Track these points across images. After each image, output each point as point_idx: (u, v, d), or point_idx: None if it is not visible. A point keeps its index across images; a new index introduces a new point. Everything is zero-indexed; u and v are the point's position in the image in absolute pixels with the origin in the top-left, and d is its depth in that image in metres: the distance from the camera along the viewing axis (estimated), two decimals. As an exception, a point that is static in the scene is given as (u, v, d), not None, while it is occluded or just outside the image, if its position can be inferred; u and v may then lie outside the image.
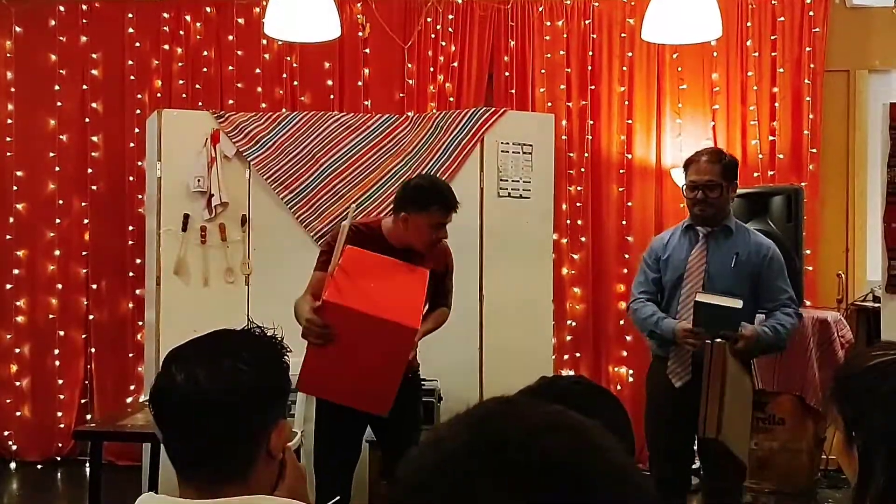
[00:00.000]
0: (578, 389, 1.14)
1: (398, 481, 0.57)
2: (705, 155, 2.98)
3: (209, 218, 4.08)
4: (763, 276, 2.92)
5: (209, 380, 1.11)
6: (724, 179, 2.92)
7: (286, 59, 4.79)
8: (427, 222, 2.70)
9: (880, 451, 1.12)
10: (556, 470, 0.54)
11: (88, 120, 4.84)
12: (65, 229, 4.83)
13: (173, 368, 1.14)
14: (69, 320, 4.82)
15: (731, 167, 2.96)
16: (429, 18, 4.77)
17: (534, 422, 0.58)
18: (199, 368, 1.12)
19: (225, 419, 1.11)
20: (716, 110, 4.70)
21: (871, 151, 4.49)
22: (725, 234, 2.96)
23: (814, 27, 4.65)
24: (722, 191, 2.91)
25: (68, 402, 4.81)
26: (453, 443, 0.57)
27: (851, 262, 4.73)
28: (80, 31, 4.85)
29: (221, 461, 1.12)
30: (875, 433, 1.14)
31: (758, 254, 2.93)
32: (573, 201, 4.73)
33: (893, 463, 1.11)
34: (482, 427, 0.58)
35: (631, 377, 4.71)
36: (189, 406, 1.11)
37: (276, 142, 4.14)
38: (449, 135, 4.06)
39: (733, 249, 2.93)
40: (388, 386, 2.58)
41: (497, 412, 0.59)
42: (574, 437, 0.57)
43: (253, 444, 1.13)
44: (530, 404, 0.61)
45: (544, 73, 4.74)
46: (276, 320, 3.51)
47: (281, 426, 1.16)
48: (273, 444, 1.15)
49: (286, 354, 1.20)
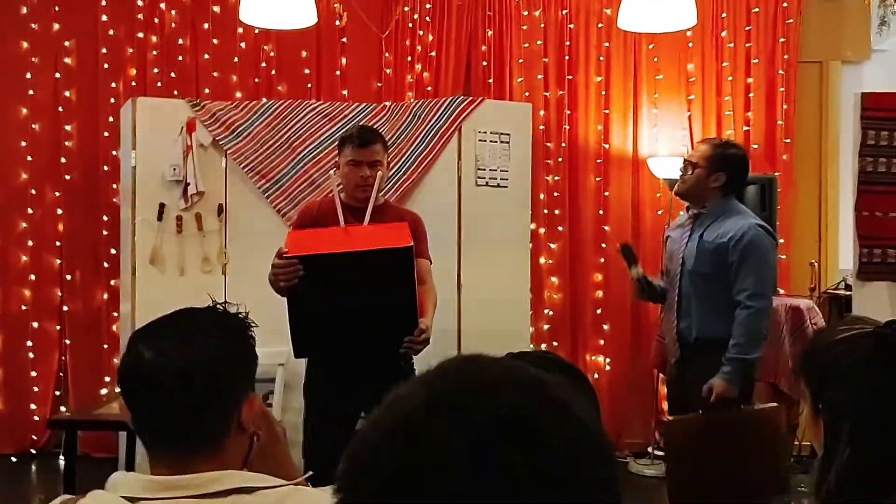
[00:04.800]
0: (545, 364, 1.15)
1: (355, 445, 0.56)
2: (707, 139, 3.05)
3: (185, 207, 4.05)
4: (731, 263, 2.88)
5: (178, 352, 1.12)
6: (708, 163, 2.92)
7: (263, 47, 4.76)
8: (345, 162, 2.73)
9: (844, 423, 1.14)
10: (514, 423, 0.53)
11: (62, 109, 4.77)
12: (38, 219, 4.77)
13: (140, 346, 1.14)
14: (43, 312, 4.76)
15: (721, 157, 2.94)
16: (406, 7, 4.76)
17: (491, 376, 0.57)
18: (167, 342, 1.13)
19: (195, 390, 1.11)
20: (691, 101, 4.74)
21: (844, 141, 4.56)
22: (708, 217, 2.96)
23: (787, 18, 4.70)
24: (696, 172, 2.93)
25: (42, 395, 4.75)
26: (411, 404, 0.56)
27: (824, 250, 4.80)
28: (53, 19, 4.77)
29: (192, 435, 1.12)
30: (839, 405, 1.16)
31: (723, 237, 2.88)
32: (551, 191, 4.75)
33: (857, 435, 1.13)
34: (439, 384, 0.57)
35: (608, 366, 4.75)
36: (159, 378, 1.11)
37: (253, 131, 4.11)
38: (426, 124, 4.05)
39: (708, 232, 2.95)
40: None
41: (454, 369, 0.59)
42: (532, 391, 0.56)
43: (224, 416, 1.14)
44: (489, 361, 0.60)
45: (522, 63, 4.75)
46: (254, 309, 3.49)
47: (251, 399, 1.17)
48: (244, 417, 1.15)
49: (252, 329, 1.20)
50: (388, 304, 2.52)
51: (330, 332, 2.55)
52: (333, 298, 2.47)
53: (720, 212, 2.94)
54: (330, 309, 2.48)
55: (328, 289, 2.47)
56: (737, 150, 3.05)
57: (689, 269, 2.96)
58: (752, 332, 2.84)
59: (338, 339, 2.57)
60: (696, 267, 2.93)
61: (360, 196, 2.73)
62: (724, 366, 2.82)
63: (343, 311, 2.48)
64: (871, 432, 1.13)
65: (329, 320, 2.51)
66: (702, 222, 2.97)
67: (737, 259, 2.86)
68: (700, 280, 2.94)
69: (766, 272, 2.91)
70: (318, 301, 2.48)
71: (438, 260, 3.19)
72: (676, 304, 3.02)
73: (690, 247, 2.97)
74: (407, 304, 2.53)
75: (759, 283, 2.85)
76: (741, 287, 2.85)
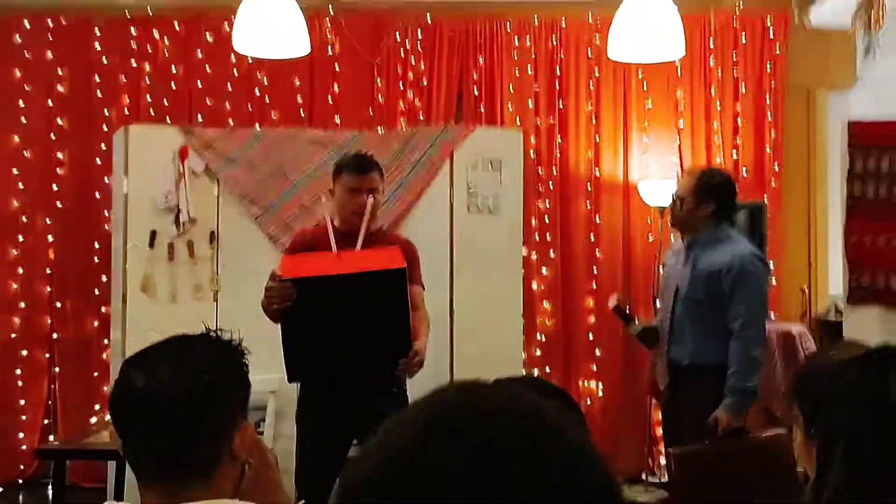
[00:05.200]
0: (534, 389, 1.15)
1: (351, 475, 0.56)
2: (690, 170, 3.11)
3: (177, 234, 4.05)
4: (723, 290, 2.90)
5: (171, 378, 1.11)
6: (695, 195, 2.97)
7: (256, 75, 4.78)
8: (343, 188, 2.75)
9: (837, 447, 1.14)
10: (513, 449, 0.53)
11: (54, 136, 4.77)
12: (28, 247, 4.75)
13: (132, 372, 1.13)
14: (32, 339, 4.73)
15: (706, 185, 2.98)
16: (398, 36, 4.80)
17: (490, 402, 0.57)
18: (159, 369, 1.12)
19: (188, 418, 1.10)
20: (681, 128, 4.79)
21: (832, 167, 4.60)
22: (701, 245, 3.00)
23: (774, 47, 4.77)
24: (684, 205, 2.99)
25: (31, 423, 4.70)
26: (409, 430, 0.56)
27: (814, 276, 4.83)
28: (47, 46, 4.80)
29: (183, 463, 1.11)
30: (832, 429, 1.17)
31: (716, 264, 2.91)
32: (542, 217, 4.77)
33: (850, 458, 1.13)
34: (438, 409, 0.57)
35: (601, 391, 4.74)
36: (151, 405, 1.11)
37: (246, 158, 4.12)
38: (418, 151, 4.08)
39: (701, 260, 2.98)
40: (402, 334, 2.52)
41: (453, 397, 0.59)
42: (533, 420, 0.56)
43: (216, 444, 1.13)
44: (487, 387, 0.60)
45: (513, 91, 4.79)
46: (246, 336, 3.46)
47: (244, 428, 1.16)
48: (236, 445, 1.15)
49: (245, 356, 1.20)
50: (382, 325, 2.52)
51: (324, 355, 2.54)
52: (327, 321, 2.47)
53: (713, 239, 2.97)
54: (324, 331, 2.48)
55: (322, 311, 2.46)
56: (721, 176, 3.09)
57: (684, 296, 2.99)
58: (749, 359, 2.85)
59: (332, 362, 2.56)
60: (690, 294, 2.97)
61: (358, 222, 2.73)
62: (726, 397, 2.84)
63: (337, 334, 2.48)
64: (865, 454, 1.14)
65: (323, 343, 2.50)
66: (695, 250, 3.00)
67: (729, 287, 2.88)
68: (694, 306, 2.97)
69: (759, 300, 2.93)
70: (312, 324, 2.48)
71: (431, 285, 3.19)
72: (669, 329, 3.04)
73: (685, 274, 3.00)
74: (400, 326, 2.53)
75: (752, 310, 2.88)
76: (735, 315, 2.87)
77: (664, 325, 3.07)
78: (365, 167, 2.78)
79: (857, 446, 1.14)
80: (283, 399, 3.88)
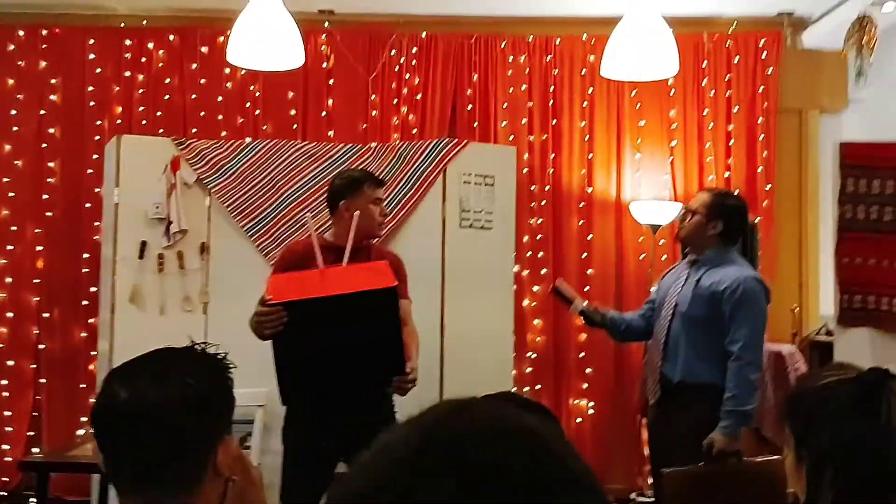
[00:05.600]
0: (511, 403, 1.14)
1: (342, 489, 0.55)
2: (709, 188, 3.17)
3: (167, 245, 4.02)
4: (724, 312, 2.90)
5: (155, 392, 1.09)
6: (707, 211, 2.99)
7: (249, 87, 4.78)
8: (366, 202, 2.80)
9: (827, 469, 1.14)
10: (511, 475, 0.52)
11: (46, 145, 4.76)
12: (17, 256, 4.72)
13: (115, 386, 1.12)
14: (19, 349, 4.68)
15: (719, 205, 3.00)
16: (393, 51, 4.82)
17: (488, 425, 0.56)
18: (143, 382, 1.11)
19: (171, 432, 1.09)
20: (674, 147, 4.81)
21: (823, 188, 4.62)
22: (705, 264, 3.00)
23: (767, 68, 4.80)
24: (695, 218, 3.01)
25: (16, 435, 4.65)
26: (403, 448, 0.55)
27: (805, 296, 4.84)
28: (40, 56, 4.79)
29: (166, 478, 1.09)
30: (822, 451, 1.16)
31: (719, 284, 2.92)
32: (534, 233, 4.76)
33: (840, 480, 1.13)
34: (434, 431, 0.56)
35: (591, 409, 4.72)
36: (134, 420, 1.09)
37: (238, 170, 4.11)
38: (411, 165, 4.07)
39: (705, 279, 2.98)
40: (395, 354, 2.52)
41: (449, 416, 0.58)
42: (530, 441, 0.55)
43: (199, 459, 1.11)
44: (483, 407, 0.59)
45: (507, 107, 4.80)
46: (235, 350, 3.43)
47: (227, 442, 1.14)
48: (220, 460, 1.13)
49: (230, 370, 1.19)
50: (375, 344, 2.51)
51: (317, 375, 2.52)
52: (320, 342, 2.45)
53: (718, 260, 2.98)
54: (316, 353, 2.46)
55: (314, 333, 2.45)
56: (736, 200, 3.11)
57: (682, 312, 2.98)
58: (747, 383, 2.85)
59: (325, 382, 2.54)
60: (690, 311, 2.96)
61: (378, 234, 2.92)
62: (722, 420, 2.83)
63: (330, 354, 2.46)
64: (854, 476, 1.13)
65: (316, 364, 2.48)
66: (699, 268, 3.01)
67: (730, 309, 2.88)
68: (691, 324, 2.97)
69: (760, 324, 2.93)
70: (305, 346, 2.46)
71: (422, 301, 3.18)
72: (663, 345, 3.03)
73: (686, 290, 3.00)
74: (393, 344, 2.52)
75: (752, 335, 2.88)
76: (734, 338, 2.87)
77: (659, 340, 3.06)
78: (381, 180, 2.94)
79: (846, 468, 1.13)
80: (271, 413, 3.85)
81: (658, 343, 3.06)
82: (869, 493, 1.12)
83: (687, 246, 3.12)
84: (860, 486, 1.12)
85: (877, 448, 1.12)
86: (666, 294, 3.09)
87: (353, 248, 2.69)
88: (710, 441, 2.81)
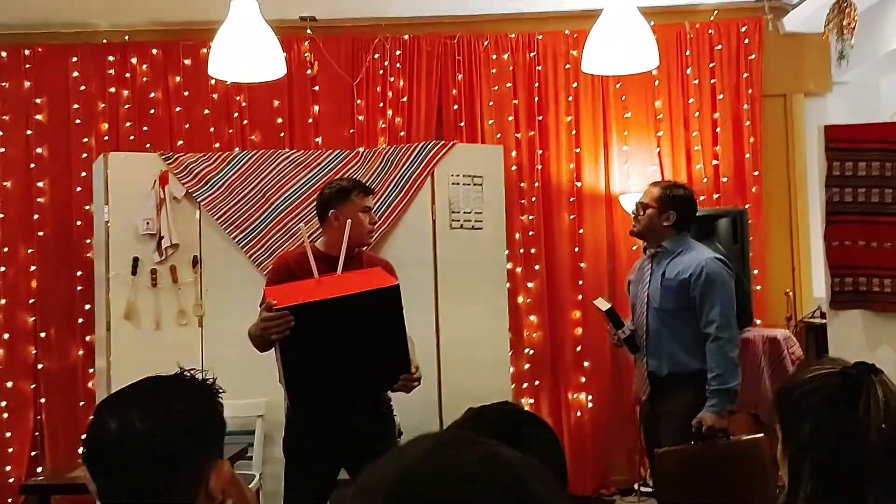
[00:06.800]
0: (505, 417, 1.16)
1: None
2: (657, 181, 3.29)
3: (160, 260, 4.03)
4: (695, 298, 3.00)
5: (143, 422, 1.10)
6: (659, 204, 3.08)
7: (235, 98, 4.78)
8: (355, 210, 2.81)
9: (806, 459, 1.16)
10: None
11: (33, 165, 4.76)
12: (10, 277, 4.72)
13: (105, 416, 1.13)
14: (17, 370, 4.69)
15: (670, 197, 3.10)
16: (377, 55, 4.82)
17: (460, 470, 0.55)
18: (132, 412, 1.11)
19: (162, 461, 1.09)
20: (660, 137, 4.82)
21: (811, 172, 4.63)
22: (665, 255, 3.10)
23: (749, 54, 4.81)
24: (648, 212, 3.09)
25: (18, 455, 4.66)
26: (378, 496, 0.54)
27: (798, 280, 4.85)
28: (24, 76, 4.79)
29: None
30: (803, 442, 1.18)
31: (684, 273, 3.02)
32: (526, 230, 4.78)
33: (818, 471, 1.15)
34: (407, 479, 0.55)
35: (590, 402, 4.74)
36: (124, 451, 1.10)
37: (226, 182, 4.12)
38: (399, 169, 4.08)
39: (669, 269, 3.06)
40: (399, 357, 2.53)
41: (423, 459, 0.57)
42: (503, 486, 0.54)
43: (190, 486, 1.12)
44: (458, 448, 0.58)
45: (492, 106, 4.81)
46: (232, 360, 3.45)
47: (219, 466, 1.15)
48: (212, 485, 1.14)
49: (219, 395, 1.19)
50: (382, 344, 2.52)
51: (326, 377, 2.52)
52: (327, 344, 2.46)
53: (676, 248, 3.08)
54: (324, 354, 2.46)
55: (321, 335, 2.45)
56: (683, 190, 3.21)
57: (656, 307, 3.07)
58: (728, 360, 2.95)
59: (334, 383, 2.54)
60: (663, 304, 3.05)
61: (368, 242, 2.93)
62: (709, 399, 2.92)
63: (337, 356, 2.47)
64: (832, 468, 1.15)
65: (324, 366, 2.48)
66: (660, 260, 3.10)
67: (699, 293, 2.99)
68: (667, 316, 3.05)
69: (729, 301, 3.02)
70: (312, 348, 2.46)
71: (415, 304, 3.18)
72: (645, 342, 3.09)
73: (654, 285, 3.09)
74: (399, 342, 2.54)
75: (724, 312, 2.98)
76: (708, 319, 2.97)
77: (640, 338, 3.13)
78: (369, 188, 2.95)
79: (825, 459, 1.15)
80: (271, 423, 3.86)
81: (640, 341, 3.13)
82: (846, 484, 1.14)
83: (644, 240, 3.20)
84: (838, 478, 1.14)
85: (855, 440, 1.13)
86: (637, 292, 3.16)
87: (345, 257, 2.70)
88: (699, 420, 2.89)
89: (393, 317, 2.49)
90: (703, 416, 2.89)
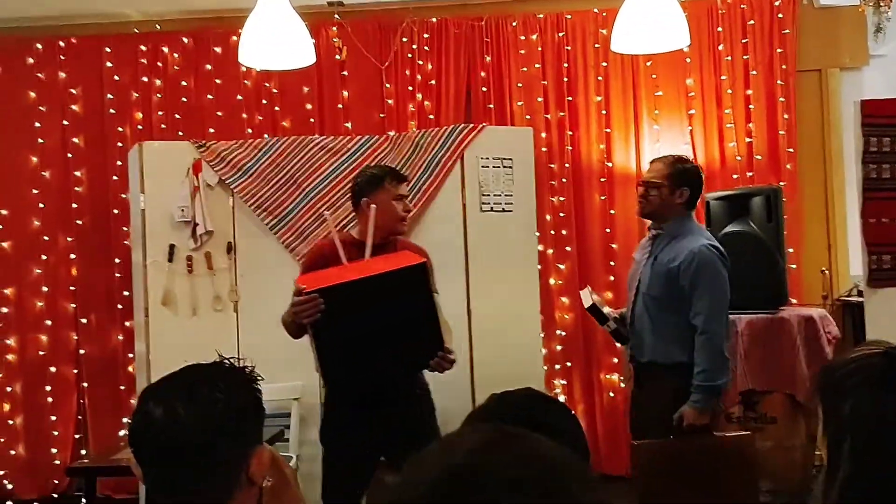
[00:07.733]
0: (528, 402, 1.18)
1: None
2: (660, 157, 3.11)
3: (195, 247, 4.10)
4: (684, 288, 2.87)
5: (186, 411, 1.14)
6: (669, 181, 2.95)
7: (265, 85, 4.82)
8: (388, 197, 2.83)
9: (845, 440, 1.16)
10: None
11: (71, 155, 4.85)
12: (51, 265, 4.83)
13: (150, 404, 1.17)
14: (60, 356, 4.81)
15: (681, 172, 2.97)
16: (405, 38, 4.82)
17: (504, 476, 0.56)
18: (175, 401, 1.15)
19: (205, 448, 1.13)
20: (692, 115, 4.76)
21: (847, 148, 4.55)
22: (665, 238, 2.99)
23: (783, 29, 4.72)
24: (660, 191, 2.96)
25: (62, 439, 4.79)
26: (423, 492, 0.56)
27: (834, 258, 4.78)
28: (59, 67, 4.87)
29: (203, 491, 1.14)
30: (843, 423, 1.18)
31: (674, 260, 2.89)
32: (556, 212, 4.76)
33: (856, 453, 1.15)
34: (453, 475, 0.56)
35: (622, 383, 4.73)
36: (169, 438, 1.14)
37: (258, 168, 4.16)
38: (429, 153, 4.09)
39: (661, 255, 2.96)
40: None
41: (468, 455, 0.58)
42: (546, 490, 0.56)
43: (233, 472, 1.16)
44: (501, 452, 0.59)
45: (521, 87, 4.79)
46: (266, 346, 3.50)
47: (259, 452, 1.19)
48: (253, 470, 1.17)
49: (258, 381, 1.23)
50: (412, 322, 2.54)
51: (358, 360, 2.54)
52: (358, 325, 2.49)
53: (676, 231, 2.96)
54: (357, 335, 2.50)
55: (352, 316, 2.48)
56: (691, 164, 3.09)
57: (644, 293, 2.98)
58: (715, 356, 2.82)
59: (367, 365, 2.56)
60: (650, 291, 2.96)
61: (402, 229, 2.90)
62: (693, 394, 2.81)
63: (369, 336, 2.50)
64: (872, 449, 1.15)
65: (357, 346, 2.51)
66: (659, 243, 3.00)
67: (688, 283, 2.86)
68: (651, 303, 2.96)
69: (719, 293, 2.88)
70: (345, 329, 2.50)
71: (447, 287, 3.21)
72: (630, 325, 3.04)
73: (646, 269, 3.00)
74: (430, 319, 2.55)
75: (714, 305, 2.84)
76: (696, 310, 2.84)
77: (627, 321, 3.07)
78: (403, 175, 2.96)
79: (865, 440, 1.15)
80: (307, 406, 3.93)
81: (627, 324, 3.08)
82: (885, 466, 1.13)
83: (654, 220, 3.05)
84: (878, 459, 1.14)
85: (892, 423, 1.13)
86: (634, 272, 3.09)
87: (378, 245, 2.72)
88: (680, 414, 2.80)
89: (422, 295, 2.51)
90: (685, 411, 2.80)
